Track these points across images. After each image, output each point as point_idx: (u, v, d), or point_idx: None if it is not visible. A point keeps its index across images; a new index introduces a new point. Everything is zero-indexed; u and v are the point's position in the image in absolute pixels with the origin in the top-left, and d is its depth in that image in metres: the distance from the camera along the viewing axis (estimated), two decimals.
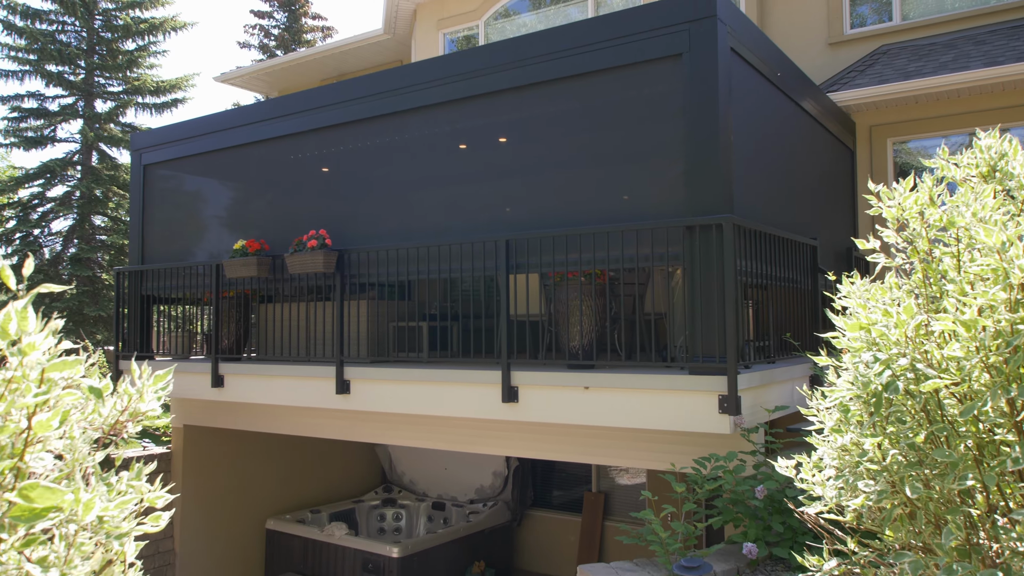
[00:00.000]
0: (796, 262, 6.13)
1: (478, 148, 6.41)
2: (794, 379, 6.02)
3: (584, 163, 5.84)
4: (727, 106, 5.20)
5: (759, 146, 5.88)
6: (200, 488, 8.93)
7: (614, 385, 5.35)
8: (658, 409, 5.21)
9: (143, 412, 1.75)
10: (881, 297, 2.53)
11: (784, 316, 5.97)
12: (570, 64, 5.71)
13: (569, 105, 5.86)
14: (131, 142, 8.83)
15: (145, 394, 1.75)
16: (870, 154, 8.39)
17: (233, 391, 7.49)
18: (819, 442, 2.72)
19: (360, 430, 7.29)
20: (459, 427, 6.65)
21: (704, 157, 5.14)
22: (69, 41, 17.45)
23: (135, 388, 1.75)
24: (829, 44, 9.21)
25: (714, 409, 4.99)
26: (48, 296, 16.54)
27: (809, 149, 7.11)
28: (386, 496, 10.64)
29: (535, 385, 5.67)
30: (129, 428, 1.77)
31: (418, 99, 6.54)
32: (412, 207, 6.74)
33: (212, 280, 7.58)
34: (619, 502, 9.80)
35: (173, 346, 8.48)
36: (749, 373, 5.10)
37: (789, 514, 4.47)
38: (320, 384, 6.84)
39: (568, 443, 6.20)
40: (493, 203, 6.33)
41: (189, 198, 8.58)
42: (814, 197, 7.20)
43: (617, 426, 5.45)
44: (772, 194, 6.15)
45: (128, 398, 1.71)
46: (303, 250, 6.77)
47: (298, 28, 24.29)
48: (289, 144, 7.53)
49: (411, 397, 6.29)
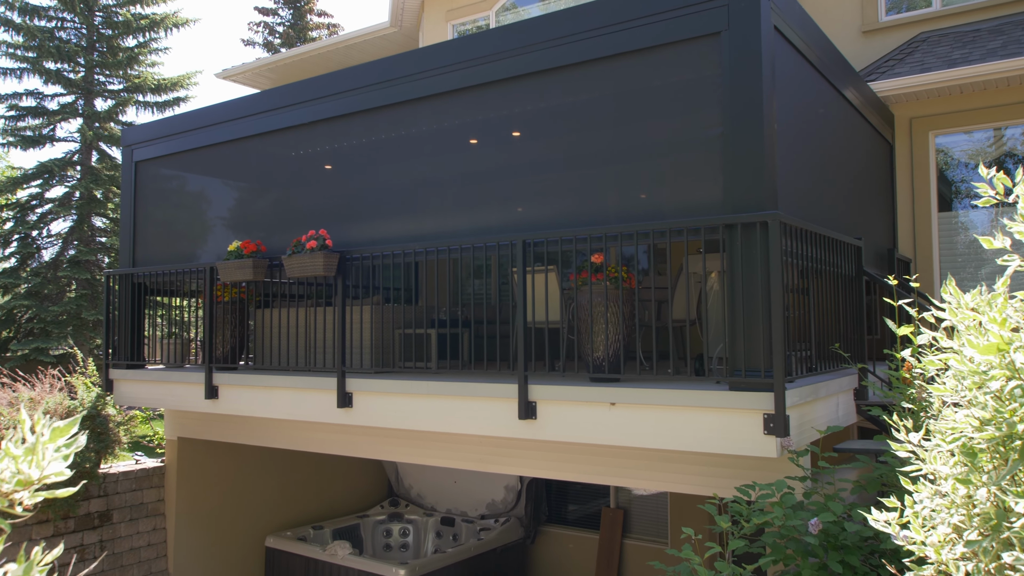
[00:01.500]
0: (840, 263, 5.58)
1: (492, 141, 5.88)
2: (839, 392, 5.47)
3: (607, 156, 5.31)
4: (771, 92, 4.66)
5: (801, 137, 5.33)
6: (195, 503, 8.43)
7: (643, 401, 4.81)
8: (693, 428, 4.67)
9: (41, 478, 1.23)
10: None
11: (827, 322, 5.41)
12: (594, 46, 5.18)
13: (592, 92, 5.33)
14: (122, 137, 8.34)
15: (43, 453, 1.22)
16: (910, 148, 7.82)
17: (228, 403, 6.98)
18: (930, 492, 2.18)
19: (363, 445, 6.77)
20: (471, 444, 6.13)
21: (746, 149, 4.59)
22: (68, 38, 17.01)
23: (28, 445, 1.23)
24: (863, 32, 8.65)
25: (758, 429, 4.45)
26: (45, 300, 16.10)
27: (850, 142, 6.56)
28: (392, 510, 10.12)
29: (555, 400, 5.13)
30: (24, 499, 1.25)
31: (427, 87, 6.02)
32: (420, 205, 6.21)
33: (206, 284, 7.07)
34: (640, 518, 9.25)
35: (166, 353, 7.97)
36: (795, 388, 4.55)
37: (849, 552, 3.93)
38: (320, 397, 6.32)
39: (590, 463, 5.66)
40: (508, 200, 5.81)
41: (183, 196, 8.08)
42: (855, 193, 6.64)
43: (647, 447, 4.91)
44: (813, 189, 5.60)
45: (15, 461, 1.19)
46: (302, 251, 6.26)
47: (303, 25, 23.83)
48: (289, 137, 7.02)
49: (418, 412, 5.76)
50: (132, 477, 8.11)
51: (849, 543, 3.96)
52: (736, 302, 4.58)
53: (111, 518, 7.90)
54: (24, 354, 14.86)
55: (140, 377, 7.80)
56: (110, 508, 7.90)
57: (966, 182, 7.76)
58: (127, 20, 17.02)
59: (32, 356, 14.83)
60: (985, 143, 7.65)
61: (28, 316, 15.88)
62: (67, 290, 16.51)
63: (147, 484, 8.24)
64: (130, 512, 8.06)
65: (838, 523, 4.00)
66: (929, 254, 7.68)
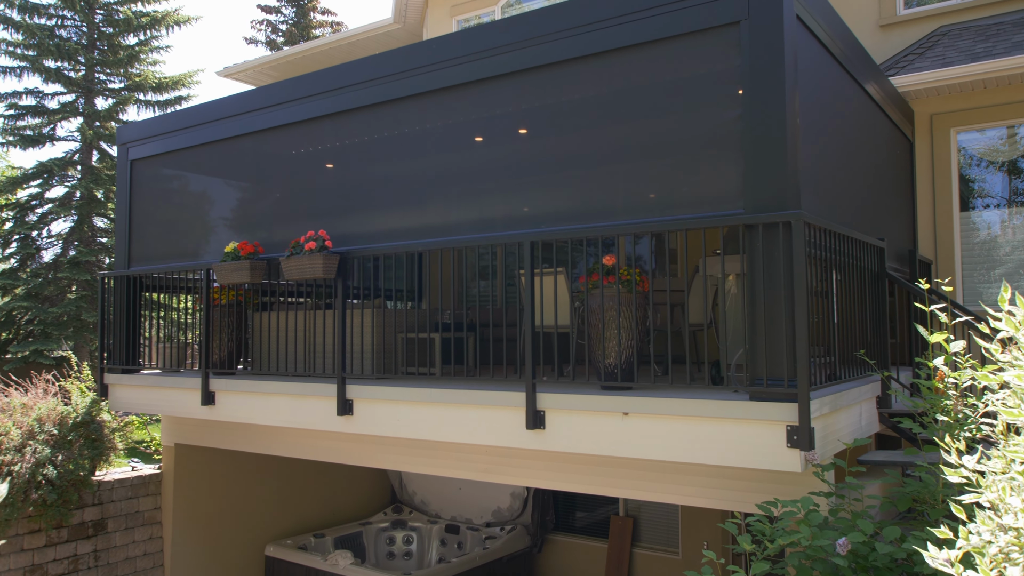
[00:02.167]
0: (863, 265, 5.32)
1: (498, 137, 5.64)
2: (861, 400, 5.21)
3: (620, 152, 5.06)
4: (793, 85, 4.40)
5: (823, 132, 5.07)
6: (193, 511, 8.20)
7: (658, 411, 4.56)
8: (711, 441, 4.42)
9: None
10: None
11: (849, 327, 5.15)
12: (605, 37, 4.92)
13: (602, 85, 5.08)
14: (117, 135, 8.11)
15: None
16: (931, 145, 7.55)
17: (224, 410, 6.75)
18: (993, 526, 1.93)
19: (365, 454, 6.53)
20: (476, 453, 5.88)
21: (767, 146, 4.34)
22: (69, 36, 16.81)
23: None
24: (880, 26, 8.37)
25: (781, 442, 4.20)
26: (46, 300, 15.91)
27: (871, 138, 6.30)
28: (396, 517, 9.88)
29: (565, 409, 4.89)
30: None
31: (431, 81, 5.77)
32: (423, 204, 5.97)
33: (203, 286, 6.84)
34: (650, 527, 9.00)
35: (163, 357, 7.74)
36: (819, 398, 4.29)
37: (880, 574, 3.67)
38: (320, 404, 6.08)
39: (600, 474, 5.41)
40: (514, 198, 5.56)
41: (181, 195, 7.85)
42: (875, 192, 6.38)
43: (661, 460, 4.66)
44: (835, 188, 5.34)
45: None
46: (300, 253, 6.02)
47: (306, 23, 23.61)
48: (289, 134, 6.79)
49: (421, 421, 5.52)
50: (128, 484, 7.88)
51: (880, 564, 3.71)
52: (756, 306, 4.33)
53: (106, 527, 7.68)
54: (24, 356, 14.67)
55: (135, 382, 7.58)
56: (105, 516, 7.68)
57: (976, 181, 7.50)
58: (128, 18, 16.82)
59: (32, 359, 14.64)
60: (998, 141, 7.39)
61: (28, 318, 15.69)
62: (68, 291, 16.32)
63: (143, 491, 8.02)
64: (126, 520, 7.84)
65: (868, 543, 3.75)
66: (951, 255, 7.41)
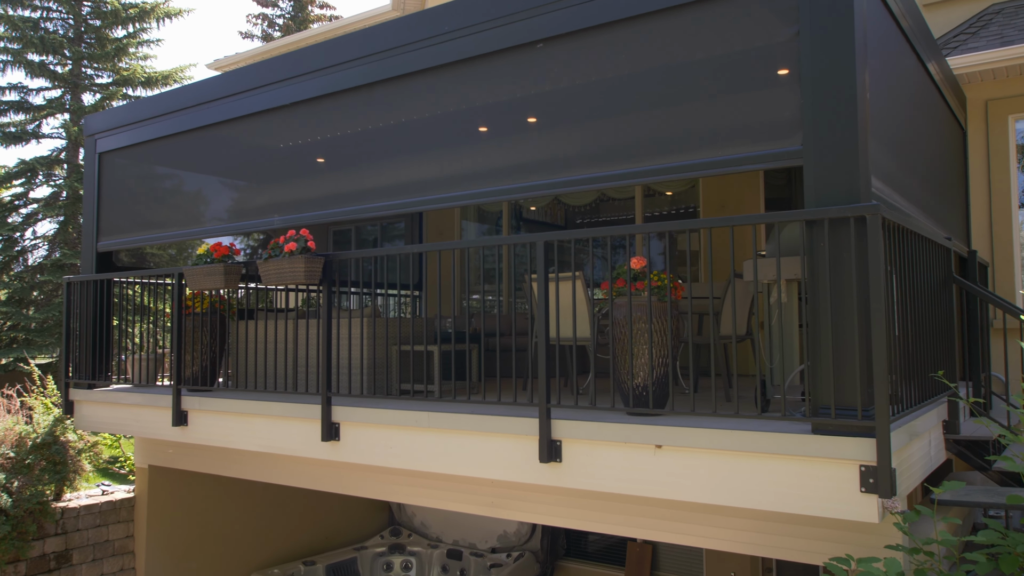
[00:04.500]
0: (930, 268, 4.56)
1: (507, 126, 4.88)
2: (931, 428, 4.44)
3: (656, 138, 4.31)
4: (864, 62, 3.64)
5: (889, 117, 4.31)
6: (169, 539, 7.44)
7: (698, 444, 3.80)
8: (764, 481, 3.66)
9: None
10: None
11: (917, 341, 4.38)
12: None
13: (635, 60, 4.33)
14: (84, 127, 7.37)
15: None
16: (986, 134, 6.78)
17: (198, 431, 6.01)
18: None
19: (354, 482, 5.79)
20: (481, 485, 5.13)
21: (834, 130, 3.59)
22: (54, 29, 16.08)
23: None
24: (924, 5, 7.61)
25: (853, 485, 3.44)
26: (31, 304, 15.18)
27: (932, 125, 5.53)
28: (393, 541, 9.12)
29: (584, 439, 4.13)
30: None
31: (427, 57, 5.03)
32: (423, 197, 5.22)
33: (174, 293, 6.10)
34: (670, 554, 8.23)
35: (136, 370, 6.98)
36: (896, 429, 3.53)
37: None
38: (302, 427, 5.33)
39: (623, 512, 4.65)
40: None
41: (152, 191, 7.10)
42: (935, 186, 5.61)
43: (699, 501, 3.91)
44: (903, 180, 4.57)
45: None
46: (280, 255, 5.28)
47: (304, 17, 22.86)
48: (273, 122, 6.04)
49: (417, 449, 4.76)
50: (96, 511, 7.13)
51: None
52: (820, 320, 3.57)
53: (70, 559, 6.93)
54: (3, 365, 13.93)
55: (103, 399, 6.83)
56: (69, 547, 6.93)
57: None
58: (115, 9, 16.08)
59: (11, 367, 13.89)
60: None
61: (9, 324, 14.94)
62: (52, 296, 15.57)
63: (113, 518, 7.26)
64: (93, 551, 7.09)
65: None
66: (1009, 256, 6.65)
